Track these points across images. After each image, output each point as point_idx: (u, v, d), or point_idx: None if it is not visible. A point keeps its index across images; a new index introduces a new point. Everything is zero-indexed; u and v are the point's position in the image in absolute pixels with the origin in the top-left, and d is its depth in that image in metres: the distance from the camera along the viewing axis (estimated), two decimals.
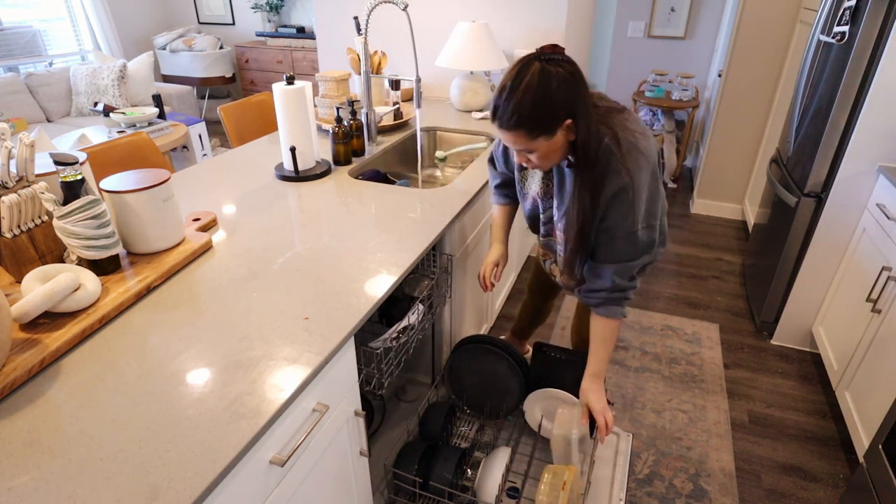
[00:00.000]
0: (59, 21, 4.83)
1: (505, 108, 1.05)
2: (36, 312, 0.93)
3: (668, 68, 4.43)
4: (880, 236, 1.92)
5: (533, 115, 1.04)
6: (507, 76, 1.05)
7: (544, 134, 1.06)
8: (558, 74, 1.02)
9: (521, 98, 1.03)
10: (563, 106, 1.04)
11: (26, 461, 0.73)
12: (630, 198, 1.14)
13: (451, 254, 1.60)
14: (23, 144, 1.03)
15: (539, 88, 1.02)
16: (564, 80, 1.03)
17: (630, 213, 1.16)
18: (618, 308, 1.29)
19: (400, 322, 1.30)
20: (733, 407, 2.13)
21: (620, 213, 1.16)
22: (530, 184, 1.36)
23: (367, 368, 1.24)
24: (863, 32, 1.91)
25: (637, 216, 1.17)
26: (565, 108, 1.05)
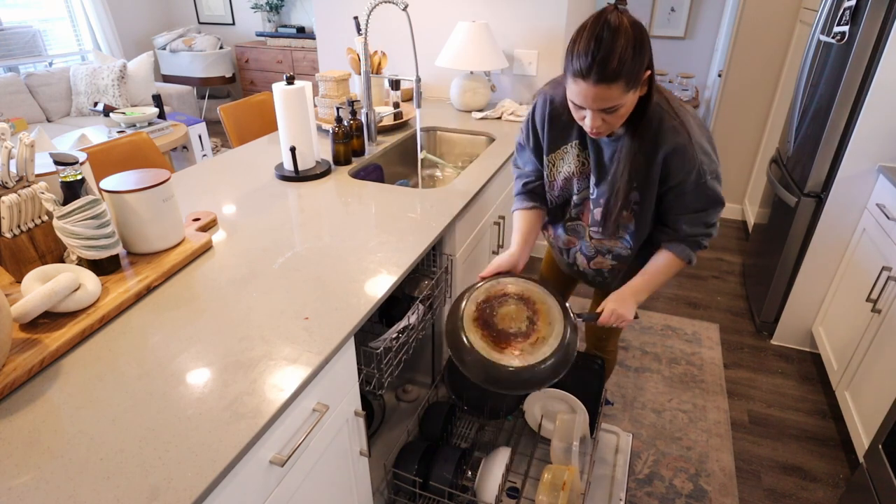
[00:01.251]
0: (59, 21, 4.83)
1: (607, 60, 0.97)
2: (36, 312, 0.93)
3: (668, 68, 4.44)
4: (880, 236, 1.92)
5: (634, 65, 0.99)
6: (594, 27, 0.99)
7: (636, 86, 1.03)
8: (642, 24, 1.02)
9: (624, 48, 0.97)
10: (649, 59, 1.04)
11: (26, 461, 0.73)
12: (690, 154, 1.13)
13: (451, 254, 1.60)
14: (23, 144, 1.03)
15: (636, 36, 0.99)
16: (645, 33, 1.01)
17: (693, 168, 1.14)
18: (687, 249, 1.26)
19: (400, 322, 1.30)
20: (733, 407, 2.13)
21: (684, 170, 1.15)
22: (561, 167, 1.31)
23: (367, 368, 1.24)
24: (863, 32, 1.91)
25: (701, 168, 1.15)
26: (650, 61, 1.04)
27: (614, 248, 1.37)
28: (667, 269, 1.28)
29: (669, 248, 1.27)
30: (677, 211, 1.23)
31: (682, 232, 1.25)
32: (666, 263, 1.28)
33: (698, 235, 1.25)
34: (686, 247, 1.26)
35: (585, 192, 1.32)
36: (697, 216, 1.23)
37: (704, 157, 1.15)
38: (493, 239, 2.04)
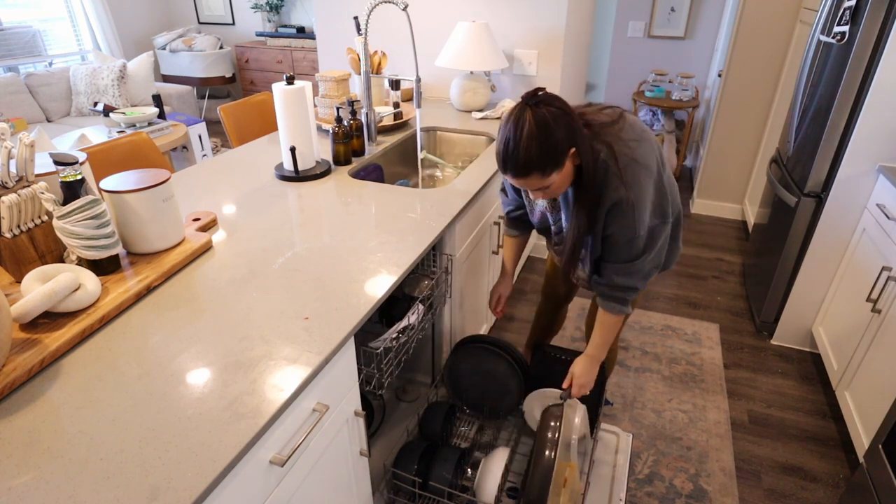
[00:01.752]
0: (59, 21, 4.83)
1: (515, 160, 1.09)
2: (36, 312, 0.93)
3: (668, 68, 4.43)
4: (880, 236, 1.92)
5: (542, 158, 1.08)
6: (505, 130, 1.10)
7: (556, 168, 1.11)
8: (551, 114, 1.08)
9: (527, 146, 1.07)
10: (564, 140, 1.10)
11: (26, 461, 0.73)
12: (628, 209, 1.18)
13: (451, 254, 1.60)
14: (23, 144, 1.03)
15: (540, 133, 1.07)
16: (558, 117, 1.08)
17: (630, 223, 1.20)
18: (616, 305, 1.34)
19: (399, 322, 1.30)
20: (733, 407, 2.13)
21: (621, 223, 1.21)
22: (536, 201, 1.40)
23: (366, 368, 1.24)
24: (863, 32, 1.91)
25: (637, 224, 1.20)
26: (567, 140, 1.10)
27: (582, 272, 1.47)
28: (609, 327, 1.39)
29: (603, 307, 1.36)
30: (608, 257, 1.30)
31: (611, 282, 1.32)
32: (607, 324, 1.39)
33: (625, 289, 1.31)
34: (616, 304, 1.34)
35: (559, 224, 1.38)
36: (625, 267, 1.28)
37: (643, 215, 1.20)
38: (492, 239, 2.04)
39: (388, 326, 1.47)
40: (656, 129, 4.38)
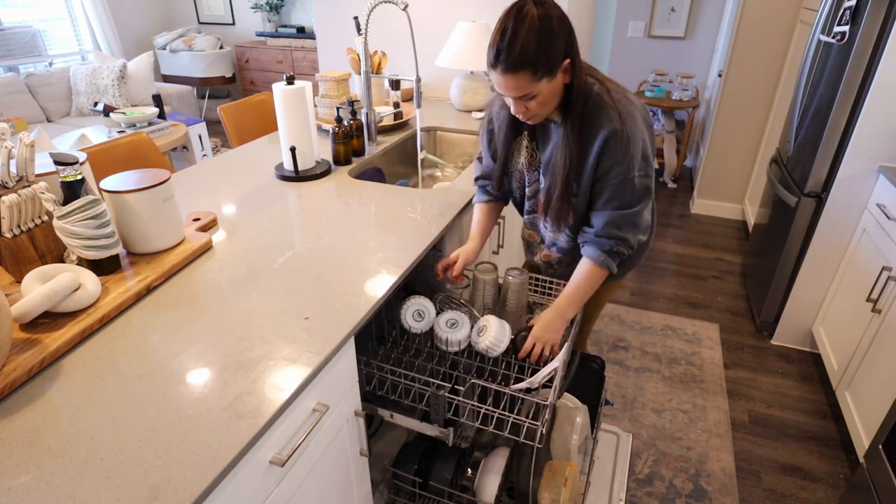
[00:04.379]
0: (59, 21, 4.83)
1: (510, 49, 1.02)
2: (36, 312, 0.93)
3: (668, 68, 4.43)
4: (880, 236, 1.92)
5: (539, 54, 1.02)
6: (504, 20, 1.04)
7: (548, 74, 1.05)
8: (555, 16, 1.03)
9: (526, 37, 1.01)
10: (563, 45, 1.05)
11: (26, 461, 0.73)
12: (624, 142, 1.12)
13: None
14: (23, 144, 1.03)
15: (542, 27, 1.01)
16: (561, 20, 1.04)
17: (625, 159, 1.14)
18: (602, 254, 1.22)
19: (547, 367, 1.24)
20: (733, 407, 2.13)
21: (615, 158, 1.14)
22: (517, 158, 1.34)
23: (367, 369, 1.24)
24: (863, 32, 1.91)
25: (632, 162, 1.14)
26: (565, 47, 1.06)
27: (557, 240, 1.39)
28: (587, 280, 1.25)
29: (587, 254, 1.25)
30: (602, 205, 1.21)
31: (600, 230, 1.22)
32: (586, 273, 1.25)
33: (615, 239, 1.21)
34: (602, 253, 1.22)
35: (536, 184, 1.33)
36: (618, 214, 1.19)
37: (636, 153, 1.14)
38: (493, 238, 2.04)
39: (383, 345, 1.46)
40: (656, 129, 4.38)
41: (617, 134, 1.12)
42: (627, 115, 1.13)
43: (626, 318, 2.67)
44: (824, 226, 2.18)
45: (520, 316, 1.44)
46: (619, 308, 2.74)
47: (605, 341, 2.49)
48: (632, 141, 1.13)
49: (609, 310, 2.72)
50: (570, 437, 1.38)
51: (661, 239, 3.47)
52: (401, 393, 1.25)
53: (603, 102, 1.13)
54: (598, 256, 1.22)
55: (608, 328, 2.58)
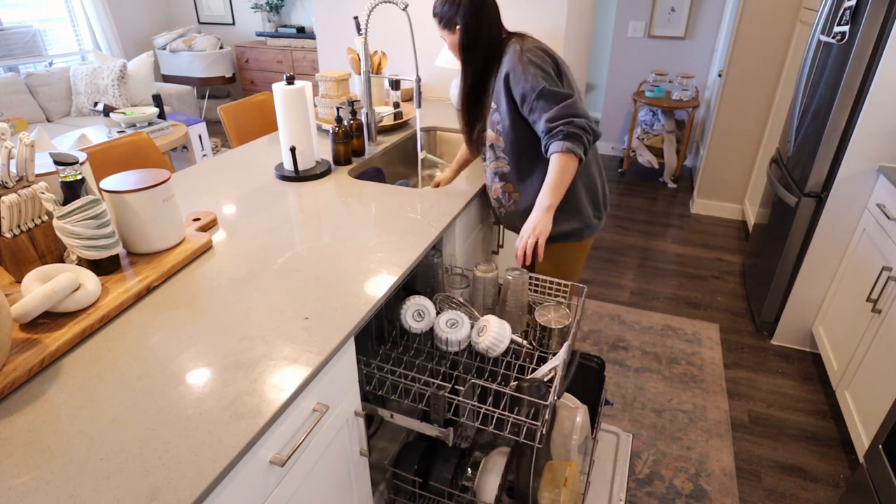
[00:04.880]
0: (59, 21, 4.83)
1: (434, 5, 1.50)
2: (36, 312, 0.93)
3: (668, 68, 4.43)
4: (880, 236, 1.92)
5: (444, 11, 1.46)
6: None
7: (447, 28, 1.48)
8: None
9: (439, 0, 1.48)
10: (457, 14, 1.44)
11: (26, 461, 0.73)
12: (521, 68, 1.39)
13: (452, 254, 1.60)
14: (23, 144, 1.03)
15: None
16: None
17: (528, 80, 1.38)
18: (561, 142, 1.36)
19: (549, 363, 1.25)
20: (733, 407, 2.13)
21: (520, 83, 1.39)
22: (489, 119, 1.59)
23: (367, 369, 1.24)
24: (863, 32, 1.91)
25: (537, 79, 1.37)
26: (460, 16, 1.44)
27: (498, 168, 1.58)
28: (561, 170, 1.38)
29: (550, 150, 1.39)
30: (537, 118, 1.41)
31: (546, 128, 1.38)
32: (556, 166, 1.39)
33: (560, 124, 1.36)
34: (558, 141, 1.37)
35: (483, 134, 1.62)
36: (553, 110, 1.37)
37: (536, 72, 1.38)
38: (492, 238, 2.04)
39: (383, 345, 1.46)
40: (656, 129, 4.38)
41: (513, 66, 1.41)
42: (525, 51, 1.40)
43: (626, 317, 2.67)
44: (824, 226, 2.18)
45: (520, 316, 1.44)
46: (619, 308, 2.74)
47: (605, 341, 2.49)
48: (531, 63, 1.38)
49: (609, 310, 2.72)
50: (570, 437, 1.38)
51: (661, 239, 3.47)
52: (401, 393, 1.25)
53: (510, 49, 1.44)
54: (559, 144, 1.37)
55: (608, 328, 2.58)
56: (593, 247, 3.36)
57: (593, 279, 3.01)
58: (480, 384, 1.20)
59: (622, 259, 3.22)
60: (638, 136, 4.41)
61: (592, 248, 3.33)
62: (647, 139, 4.40)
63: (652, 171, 4.52)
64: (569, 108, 1.37)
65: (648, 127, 4.44)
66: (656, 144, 4.37)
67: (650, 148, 4.38)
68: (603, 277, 3.02)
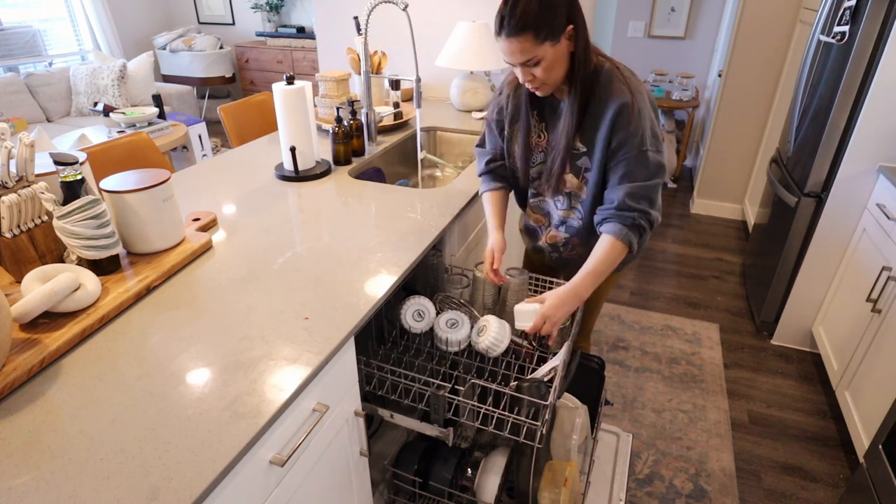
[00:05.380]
0: (59, 21, 4.83)
1: (512, 13, 1.07)
2: (36, 312, 0.93)
3: (668, 68, 4.43)
4: (880, 236, 1.92)
5: (540, 16, 1.07)
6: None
7: (551, 38, 1.10)
8: None
9: (528, 2, 1.06)
10: (566, 10, 1.10)
11: (26, 461, 0.73)
12: (636, 115, 1.15)
13: (452, 254, 1.60)
14: (23, 144, 1.03)
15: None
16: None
17: (637, 131, 1.16)
18: (623, 227, 1.21)
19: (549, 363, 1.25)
20: (733, 407, 2.13)
21: (627, 130, 1.16)
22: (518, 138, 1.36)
23: (367, 368, 1.24)
24: (863, 32, 1.91)
25: (645, 135, 1.17)
26: (568, 12, 1.10)
27: (568, 218, 1.39)
28: (608, 256, 1.22)
29: (607, 230, 1.23)
30: (619, 180, 1.22)
31: (621, 203, 1.21)
32: (606, 250, 1.22)
33: (636, 212, 1.21)
34: (624, 227, 1.21)
35: (542, 165, 1.35)
36: (637, 186, 1.20)
37: (647, 126, 1.17)
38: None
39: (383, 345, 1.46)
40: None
41: (628, 106, 1.15)
42: (637, 90, 1.17)
43: (625, 317, 2.67)
44: (824, 226, 2.18)
45: None
46: (618, 308, 2.74)
47: (605, 341, 2.49)
48: (642, 114, 1.16)
49: (609, 310, 2.72)
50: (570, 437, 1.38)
51: (661, 239, 3.47)
52: (401, 393, 1.25)
53: (614, 77, 1.18)
54: (620, 231, 1.21)
55: (608, 328, 2.58)
56: None
57: None
58: (480, 384, 1.20)
59: None
60: None
61: None
62: None
63: None
64: (653, 192, 1.21)
65: None
66: None
67: None
68: None
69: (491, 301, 1.48)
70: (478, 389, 1.27)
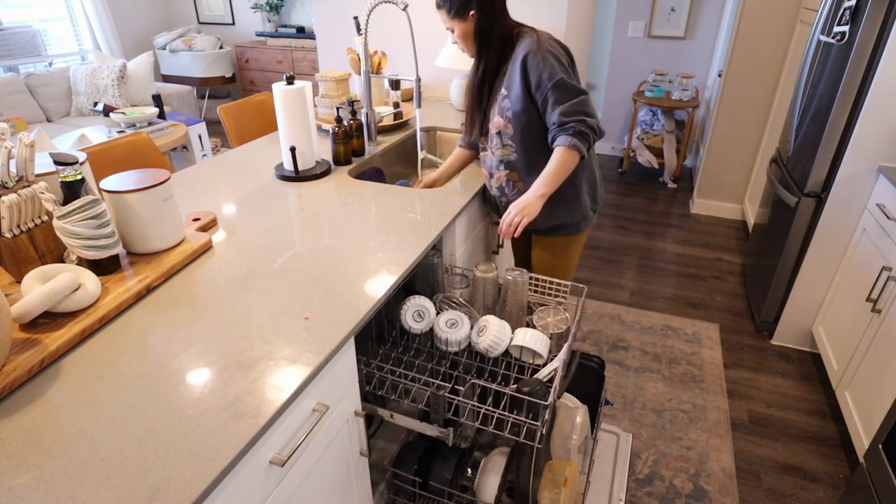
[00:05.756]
0: (59, 21, 4.83)
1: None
2: (36, 312, 0.93)
3: (668, 68, 4.43)
4: (880, 236, 1.92)
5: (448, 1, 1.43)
6: None
7: (458, 16, 1.44)
8: None
9: None
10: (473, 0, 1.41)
11: (26, 461, 0.73)
12: (540, 57, 1.40)
13: (452, 253, 1.60)
14: (23, 144, 1.03)
15: None
16: None
17: (546, 68, 1.40)
18: (569, 137, 1.40)
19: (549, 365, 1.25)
20: (733, 407, 2.13)
21: (537, 69, 1.40)
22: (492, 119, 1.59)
23: (367, 368, 1.24)
24: (863, 32, 1.91)
25: (554, 68, 1.39)
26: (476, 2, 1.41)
27: (505, 156, 1.57)
28: (561, 161, 1.42)
29: (557, 143, 1.43)
30: (549, 108, 1.43)
31: (558, 121, 1.41)
32: (558, 156, 1.42)
33: (574, 122, 1.40)
34: (568, 136, 1.40)
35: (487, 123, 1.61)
36: (567, 104, 1.40)
37: (554, 61, 1.40)
38: (492, 239, 2.04)
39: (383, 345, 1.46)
40: (656, 128, 4.38)
41: (532, 53, 1.41)
42: (542, 42, 1.42)
43: (625, 317, 2.67)
44: (824, 226, 2.18)
45: (520, 316, 1.44)
46: (618, 308, 2.74)
47: (605, 341, 2.49)
48: (547, 56, 1.40)
49: (609, 309, 2.72)
50: (569, 436, 1.38)
51: (660, 239, 3.47)
52: (401, 393, 1.25)
53: (525, 38, 1.45)
54: (567, 139, 1.40)
55: (608, 328, 2.58)
56: (593, 247, 3.36)
57: (593, 279, 3.01)
58: (480, 384, 1.20)
59: (622, 259, 3.22)
60: (638, 136, 4.41)
61: (592, 248, 3.33)
62: (647, 139, 4.40)
63: (652, 171, 4.52)
64: (582, 105, 1.41)
65: (648, 127, 4.44)
66: (656, 144, 4.37)
67: (650, 148, 4.38)
68: (603, 277, 3.02)
69: (491, 301, 1.48)
70: (478, 389, 1.27)
